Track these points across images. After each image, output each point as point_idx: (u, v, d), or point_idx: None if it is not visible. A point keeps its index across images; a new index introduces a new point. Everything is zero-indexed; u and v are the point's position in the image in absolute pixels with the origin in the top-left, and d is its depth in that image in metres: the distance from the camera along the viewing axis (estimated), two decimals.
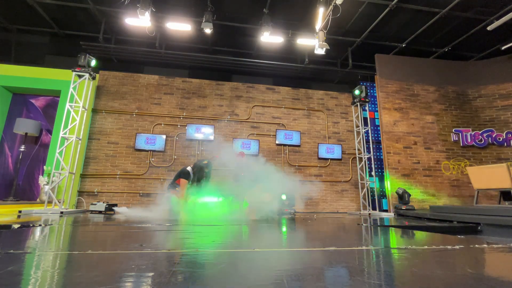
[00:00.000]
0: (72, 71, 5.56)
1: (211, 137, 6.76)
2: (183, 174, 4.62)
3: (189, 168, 4.71)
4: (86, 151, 6.41)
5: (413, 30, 6.55)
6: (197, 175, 4.69)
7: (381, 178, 7.12)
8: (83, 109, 5.68)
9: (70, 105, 5.50)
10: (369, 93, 7.33)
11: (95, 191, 6.21)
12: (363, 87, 6.94)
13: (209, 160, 4.92)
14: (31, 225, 2.96)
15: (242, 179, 5.01)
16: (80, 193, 6.18)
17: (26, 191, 6.19)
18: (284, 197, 5.80)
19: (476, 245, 2.15)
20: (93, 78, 5.80)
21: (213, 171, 5.32)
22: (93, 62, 5.70)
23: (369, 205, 6.56)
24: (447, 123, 7.17)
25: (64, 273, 1.26)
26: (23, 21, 6.55)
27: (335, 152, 7.32)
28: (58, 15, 6.36)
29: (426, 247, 2.02)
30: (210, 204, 4.79)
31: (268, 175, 5.01)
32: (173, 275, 1.21)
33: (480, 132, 7.02)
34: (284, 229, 3.27)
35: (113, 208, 5.39)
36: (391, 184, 6.58)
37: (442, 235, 2.90)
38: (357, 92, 6.96)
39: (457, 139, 7.08)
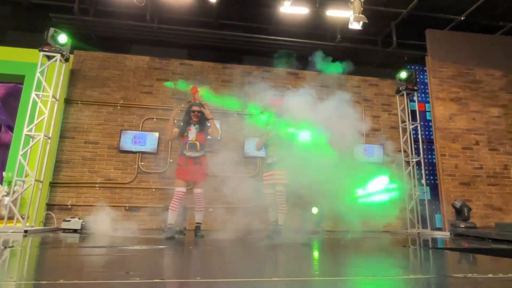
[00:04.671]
0: (40, 50, 5.54)
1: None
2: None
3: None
4: (57, 153, 6.28)
5: None
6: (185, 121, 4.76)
7: (434, 188, 6.97)
8: (53, 100, 5.64)
9: (36, 94, 5.49)
10: (418, 79, 7.21)
11: (68, 204, 6.11)
12: (411, 71, 6.83)
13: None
14: None
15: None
16: (50, 206, 6.05)
17: None
18: (315, 210, 6.02)
19: None
20: (66, 60, 5.85)
21: None
22: (66, 39, 5.69)
23: (418, 222, 6.50)
24: None
25: None
26: None
27: (375, 154, 7.08)
28: None
29: (491, 275, 2.00)
30: None
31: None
32: None
33: None
34: (308, 251, 3.39)
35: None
36: (447, 195, 6.50)
37: None
38: (402, 76, 6.87)
39: None
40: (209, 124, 4.67)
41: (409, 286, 1.74)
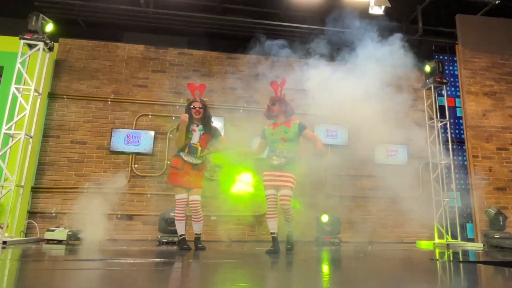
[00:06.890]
0: (20, 38, 5.53)
1: (221, 133, 6.41)
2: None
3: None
4: (40, 155, 6.28)
5: None
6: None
7: (465, 193, 6.93)
8: (36, 94, 5.64)
9: (16, 88, 5.49)
10: (447, 71, 7.24)
11: (52, 211, 6.10)
12: (435, 61, 6.75)
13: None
14: None
15: None
16: (32, 214, 6.04)
17: None
18: (325, 218, 5.85)
19: None
20: (50, 49, 5.83)
21: None
22: (50, 26, 5.71)
23: (447, 232, 6.39)
24: None
25: None
26: None
27: (399, 155, 7.05)
28: None
29: None
30: None
31: None
32: None
33: None
34: (323, 266, 3.40)
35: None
36: (479, 202, 6.54)
37: None
38: (428, 68, 6.76)
39: None
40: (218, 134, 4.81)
41: None
